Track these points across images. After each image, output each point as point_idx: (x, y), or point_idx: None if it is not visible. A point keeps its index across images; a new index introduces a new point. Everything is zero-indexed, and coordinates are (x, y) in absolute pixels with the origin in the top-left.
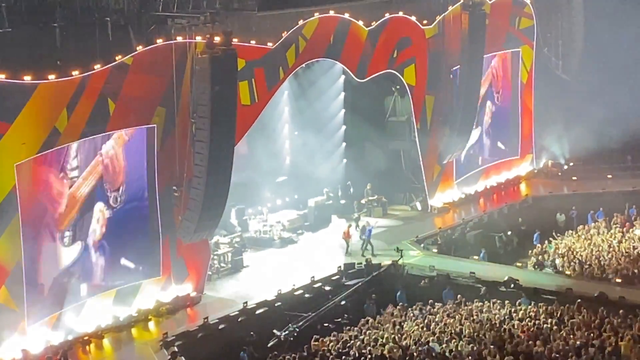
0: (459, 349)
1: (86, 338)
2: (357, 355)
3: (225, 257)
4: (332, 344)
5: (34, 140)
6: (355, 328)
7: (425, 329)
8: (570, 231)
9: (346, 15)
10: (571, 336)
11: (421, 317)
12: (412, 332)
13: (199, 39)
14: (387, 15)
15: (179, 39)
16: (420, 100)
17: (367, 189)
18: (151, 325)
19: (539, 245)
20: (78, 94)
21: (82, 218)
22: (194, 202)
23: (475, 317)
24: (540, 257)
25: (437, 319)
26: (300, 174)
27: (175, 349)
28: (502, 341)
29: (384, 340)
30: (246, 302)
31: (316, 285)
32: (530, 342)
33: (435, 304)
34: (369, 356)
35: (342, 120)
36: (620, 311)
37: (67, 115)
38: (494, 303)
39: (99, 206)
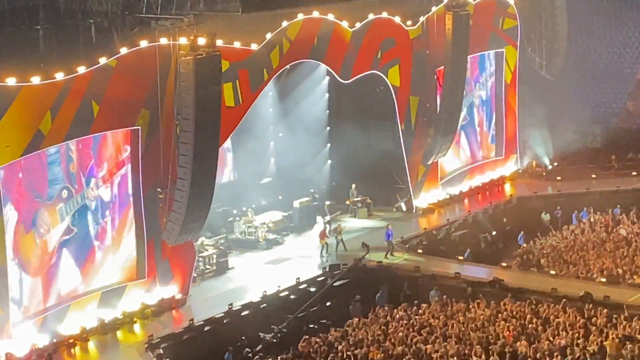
0: (445, 349)
1: (71, 341)
2: (343, 356)
3: (211, 259)
4: (317, 345)
5: (18, 142)
6: (341, 329)
7: (410, 329)
8: (555, 231)
9: (330, 17)
10: (556, 336)
11: (407, 317)
12: (398, 333)
13: (182, 40)
14: (371, 16)
15: (163, 40)
16: (405, 101)
17: (352, 190)
18: (136, 327)
19: (524, 245)
20: (62, 96)
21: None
22: (179, 204)
23: (460, 317)
24: (525, 256)
25: (422, 320)
26: (285, 175)
27: (161, 351)
28: (488, 341)
29: (369, 342)
30: (231, 304)
31: (301, 287)
32: (515, 342)
33: (421, 304)
34: (355, 358)
35: (326, 121)
36: (605, 310)
37: (50, 118)
38: (479, 303)
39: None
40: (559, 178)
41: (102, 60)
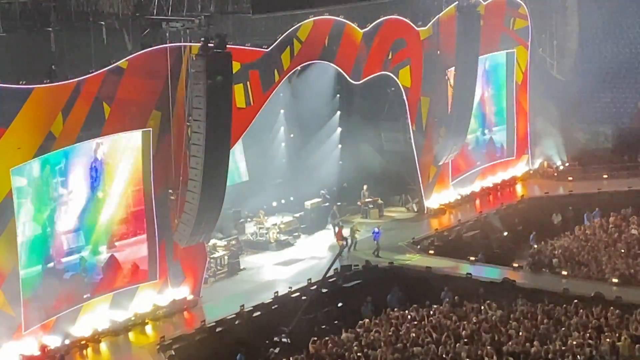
0: (457, 350)
1: (83, 342)
2: (354, 357)
3: (222, 260)
4: (330, 346)
5: (30, 144)
6: (353, 330)
7: (422, 330)
8: (566, 232)
9: (341, 18)
10: (568, 337)
11: (418, 318)
12: (410, 334)
13: (193, 42)
14: (382, 17)
15: (174, 42)
16: (416, 101)
17: (364, 191)
18: (148, 329)
19: (535, 245)
20: (73, 98)
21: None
22: (190, 206)
23: (472, 318)
24: (536, 257)
25: (434, 321)
26: (297, 176)
27: (173, 352)
28: (500, 342)
29: (381, 343)
30: (243, 305)
31: (313, 288)
32: (527, 343)
33: (432, 305)
34: (367, 358)
35: (337, 122)
36: (617, 311)
37: (62, 120)
38: (490, 304)
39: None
40: (570, 178)
41: (114, 62)
